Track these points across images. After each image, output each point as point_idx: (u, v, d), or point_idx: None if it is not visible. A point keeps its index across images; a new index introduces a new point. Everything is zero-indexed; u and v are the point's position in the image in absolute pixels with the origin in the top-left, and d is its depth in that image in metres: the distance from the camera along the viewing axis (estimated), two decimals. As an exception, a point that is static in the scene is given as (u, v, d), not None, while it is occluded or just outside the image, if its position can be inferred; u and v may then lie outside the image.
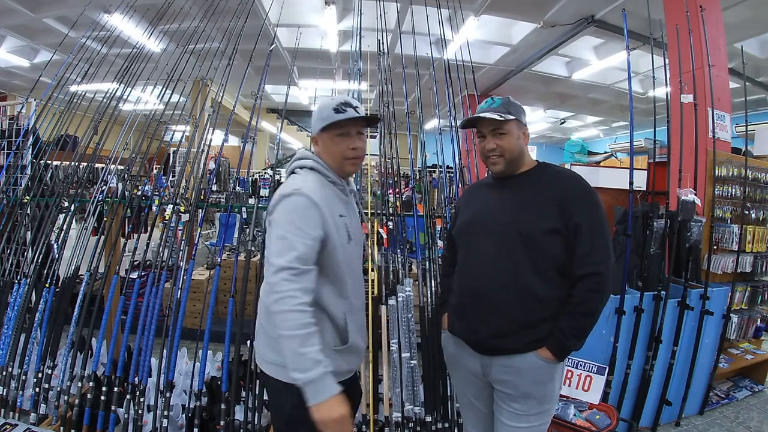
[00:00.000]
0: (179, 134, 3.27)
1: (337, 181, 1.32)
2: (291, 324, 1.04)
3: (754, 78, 6.48)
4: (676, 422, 2.61)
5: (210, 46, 2.86)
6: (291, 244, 1.12)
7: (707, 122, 2.87)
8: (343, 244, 1.25)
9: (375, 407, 2.15)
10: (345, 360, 1.27)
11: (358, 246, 1.35)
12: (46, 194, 2.78)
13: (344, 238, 1.26)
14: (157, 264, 2.35)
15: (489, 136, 1.36)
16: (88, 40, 3.22)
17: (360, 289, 1.38)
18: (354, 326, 1.29)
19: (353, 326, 1.29)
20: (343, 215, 1.28)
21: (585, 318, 1.27)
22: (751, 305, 3.01)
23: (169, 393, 2.10)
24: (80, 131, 2.95)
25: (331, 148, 1.29)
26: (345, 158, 1.29)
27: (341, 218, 1.27)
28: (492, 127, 1.35)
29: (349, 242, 1.28)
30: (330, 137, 1.29)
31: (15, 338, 2.35)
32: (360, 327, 1.35)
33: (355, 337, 1.30)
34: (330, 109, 1.26)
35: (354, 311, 1.31)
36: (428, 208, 2.57)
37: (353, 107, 1.26)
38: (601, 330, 2.32)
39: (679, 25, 3.02)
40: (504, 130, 1.34)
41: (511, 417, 1.32)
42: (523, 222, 1.30)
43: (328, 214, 1.21)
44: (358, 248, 1.36)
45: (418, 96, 2.98)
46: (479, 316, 1.34)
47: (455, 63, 2.98)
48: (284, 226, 1.15)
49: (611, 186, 3.49)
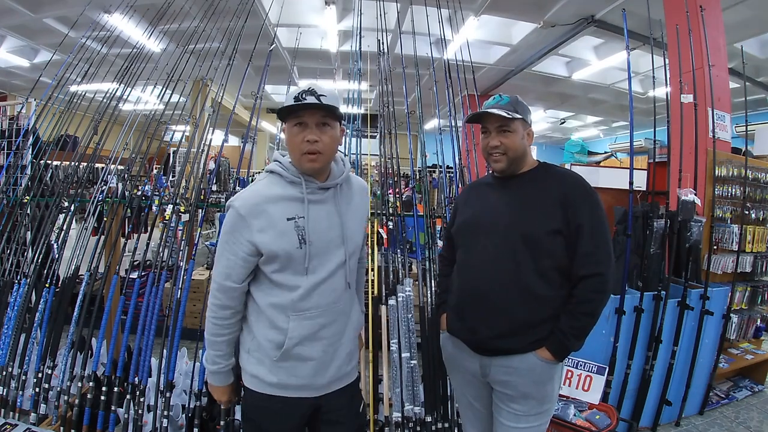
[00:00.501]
0: (179, 134, 3.27)
1: (295, 179, 1.21)
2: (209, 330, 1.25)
3: (754, 78, 6.48)
4: (676, 422, 2.61)
5: (210, 46, 2.85)
6: (218, 260, 1.22)
7: (707, 122, 2.87)
8: (288, 250, 1.16)
9: (375, 407, 2.15)
10: (289, 372, 1.21)
11: (322, 248, 1.21)
12: (46, 194, 2.78)
13: (291, 244, 1.17)
14: (157, 264, 2.35)
15: (494, 133, 1.35)
16: (88, 40, 3.22)
17: (328, 294, 1.23)
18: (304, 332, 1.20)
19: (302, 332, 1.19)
20: (292, 217, 1.18)
21: (586, 318, 1.27)
22: (751, 305, 3.01)
23: (169, 393, 2.10)
24: (80, 131, 2.94)
25: (289, 141, 1.19)
26: (301, 152, 1.16)
27: (289, 221, 1.17)
28: (498, 124, 1.34)
29: (300, 247, 1.17)
30: (288, 128, 1.19)
31: (15, 338, 2.34)
32: (315, 334, 1.21)
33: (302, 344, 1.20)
34: (291, 98, 1.15)
35: (309, 316, 1.20)
36: (428, 208, 2.57)
37: (316, 95, 1.13)
38: (601, 330, 2.32)
39: (679, 25, 3.02)
40: (510, 128, 1.33)
41: (510, 417, 1.32)
42: (526, 222, 1.29)
43: (263, 223, 1.15)
44: (321, 250, 1.21)
45: (418, 96, 2.98)
46: (479, 317, 1.33)
47: (455, 63, 2.98)
48: (221, 238, 1.22)
49: (611, 186, 3.49)
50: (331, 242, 1.23)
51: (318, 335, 1.22)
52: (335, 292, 1.24)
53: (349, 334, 1.31)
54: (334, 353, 1.26)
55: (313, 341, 1.22)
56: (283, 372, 1.21)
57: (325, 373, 1.24)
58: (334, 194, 1.26)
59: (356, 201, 1.33)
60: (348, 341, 1.30)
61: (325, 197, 1.25)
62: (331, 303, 1.23)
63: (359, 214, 1.35)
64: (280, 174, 1.22)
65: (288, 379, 1.21)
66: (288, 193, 1.20)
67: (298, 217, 1.19)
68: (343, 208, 1.26)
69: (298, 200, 1.20)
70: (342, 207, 1.26)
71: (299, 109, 1.15)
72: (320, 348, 1.23)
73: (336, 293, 1.25)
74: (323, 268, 1.21)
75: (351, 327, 1.32)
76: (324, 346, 1.23)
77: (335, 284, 1.24)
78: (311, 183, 1.22)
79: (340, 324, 1.27)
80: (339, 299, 1.26)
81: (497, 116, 1.32)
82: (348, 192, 1.31)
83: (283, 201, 1.19)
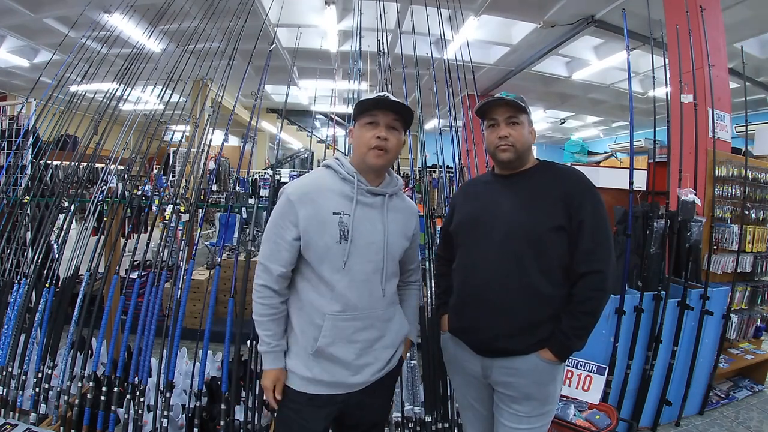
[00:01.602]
0: (179, 134, 3.27)
1: (349, 177, 1.27)
2: (255, 313, 1.28)
3: (754, 78, 6.49)
4: (676, 422, 2.61)
5: (210, 46, 2.85)
6: (265, 242, 1.27)
7: (707, 122, 2.87)
8: (328, 243, 1.21)
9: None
10: (322, 368, 1.24)
11: (361, 248, 1.24)
12: (46, 194, 2.78)
13: (332, 237, 1.21)
14: (157, 264, 2.35)
15: (503, 124, 1.34)
16: (88, 40, 3.22)
17: (365, 297, 1.26)
18: (338, 333, 1.23)
19: (336, 333, 1.22)
20: (338, 212, 1.23)
21: (587, 317, 1.26)
22: (751, 305, 3.01)
23: (169, 393, 2.10)
24: (80, 131, 2.94)
25: (359, 138, 1.27)
26: (369, 147, 1.24)
27: (335, 216, 1.22)
28: (508, 114, 1.34)
29: (339, 242, 1.21)
30: (359, 126, 1.28)
31: (15, 338, 2.34)
32: (350, 336, 1.24)
33: (335, 345, 1.23)
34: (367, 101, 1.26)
35: (345, 318, 1.23)
36: (428, 208, 2.57)
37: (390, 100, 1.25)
38: (601, 330, 2.32)
39: (679, 25, 3.02)
40: (519, 119, 1.34)
41: (512, 418, 1.31)
42: (529, 220, 1.28)
43: (310, 212, 1.21)
44: (361, 250, 1.24)
45: (418, 96, 2.98)
46: (481, 317, 1.32)
47: (455, 63, 2.98)
48: (269, 224, 1.28)
49: (611, 186, 3.48)
50: (371, 246, 1.26)
51: (352, 338, 1.24)
52: (371, 297, 1.27)
53: (387, 340, 1.31)
54: (369, 356, 1.27)
55: (348, 343, 1.24)
56: (317, 367, 1.24)
57: (358, 376, 1.26)
58: (383, 203, 1.31)
59: (402, 218, 1.36)
60: (384, 347, 1.31)
61: (374, 202, 1.29)
62: (366, 307, 1.26)
63: (403, 230, 1.36)
64: (335, 169, 1.29)
65: (321, 374, 1.24)
66: (339, 189, 1.26)
67: (344, 214, 1.23)
68: (388, 218, 1.30)
69: (348, 198, 1.26)
70: (388, 216, 1.30)
71: (375, 107, 1.24)
72: (353, 351, 1.25)
73: (372, 298, 1.27)
74: (360, 268, 1.24)
75: (391, 334, 1.33)
76: (358, 349, 1.25)
77: (371, 288, 1.27)
78: (363, 184, 1.28)
79: (377, 330, 1.29)
80: (376, 305, 1.28)
81: (507, 107, 1.33)
82: (396, 206, 1.35)
83: (333, 195, 1.25)
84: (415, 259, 1.50)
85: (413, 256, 1.47)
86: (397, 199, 1.36)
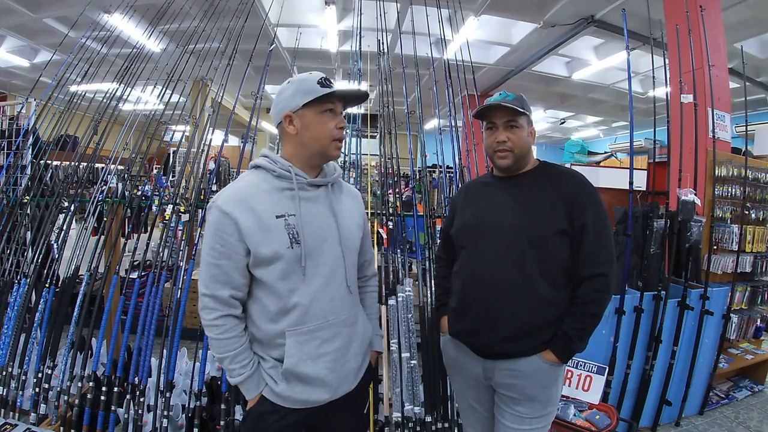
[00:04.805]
0: (179, 134, 3.27)
1: (284, 172, 1.13)
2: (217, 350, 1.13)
3: (754, 78, 6.48)
4: (676, 422, 2.61)
5: (210, 46, 2.85)
6: (207, 268, 1.10)
7: (707, 122, 2.87)
8: (278, 250, 1.07)
9: (375, 407, 2.14)
10: (293, 389, 1.12)
11: (317, 248, 1.12)
12: (46, 194, 2.78)
13: (282, 244, 1.07)
14: (157, 264, 2.35)
15: (501, 128, 1.33)
16: (88, 40, 3.22)
17: (326, 303, 1.13)
18: (303, 349, 1.10)
19: (301, 349, 1.10)
20: (282, 215, 1.10)
21: (590, 319, 1.26)
22: (751, 305, 3.01)
23: (169, 393, 2.10)
24: (80, 131, 2.94)
25: (317, 128, 1.13)
26: (332, 139, 1.14)
27: (279, 219, 1.09)
28: (506, 118, 1.32)
29: (291, 247, 1.08)
30: (315, 114, 1.12)
31: (15, 338, 2.34)
32: (317, 351, 1.12)
33: (304, 363, 1.10)
34: (314, 83, 1.11)
35: (308, 331, 1.11)
36: (428, 208, 2.57)
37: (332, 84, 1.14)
38: (601, 330, 2.32)
39: (679, 25, 3.02)
40: (517, 123, 1.32)
41: (514, 419, 1.31)
42: (533, 223, 1.27)
43: (251, 221, 1.07)
44: (317, 250, 1.12)
45: (418, 96, 2.98)
46: (484, 320, 1.31)
47: (455, 63, 2.98)
48: (205, 246, 1.11)
49: (611, 186, 3.49)
50: (326, 243, 1.14)
51: (319, 351, 1.13)
52: (334, 301, 1.15)
53: (356, 349, 1.21)
54: (340, 370, 1.17)
55: (316, 359, 1.12)
56: (288, 387, 1.13)
57: (331, 391, 1.15)
58: (326, 193, 1.19)
59: (348, 205, 1.26)
60: (353, 356, 1.20)
61: (317, 195, 1.18)
62: (329, 313, 1.14)
63: (354, 218, 1.26)
64: (266, 168, 1.15)
65: (292, 393, 1.13)
66: (276, 188, 1.13)
67: (288, 215, 1.10)
68: (336, 209, 1.19)
69: (288, 196, 1.13)
70: (336, 208, 1.19)
71: (336, 96, 1.13)
72: (323, 365, 1.13)
73: (335, 302, 1.15)
74: (319, 271, 1.13)
75: (359, 342, 1.23)
76: (327, 363, 1.14)
77: (333, 291, 1.15)
78: (302, 178, 1.15)
79: (344, 338, 1.18)
80: (339, 309, 1.16)
81: (505, 111, 1.31)
82: (339, 195, 1.25)
83: (270, 197, 1.11)
84: (369, 249, 1.38)
85: (367, 246, 1.35)
86: (338, 187, 1.25)
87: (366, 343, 1.28)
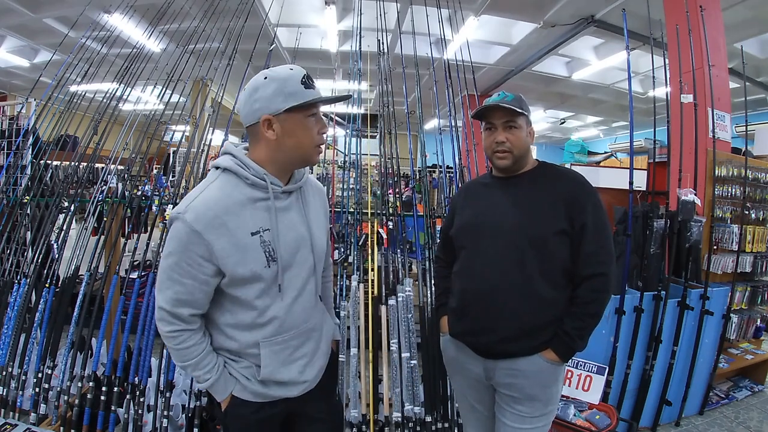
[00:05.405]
0: (179, 134, 3.27)
1: (259, 181, 1.04)
2: (178, 360, 1.09)
3: (754, 78, 6.48)
4: (676, 422, 2.61)
5: (210, 46, 2.86)
6: (168, 285, 1.02)
7: (707, 122, 2.87)
8: (255, 270, 1.02)
9: (375, 407, 2.15)
10: (269, 389, 1.13)
11: (291, 261, 1.09)
12: (46, 194, 2.78)
13: (258, 263, 1.02)
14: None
15: (500, 129, 1.33)
16: (88, 40, 3.22)
17: (299, 314, 1.13)
18: (277, 358, 1.11)
19: (276, 358, 1.10)
20: (257, 231, 1.03)
21: (591, 318, 1.27)
22: (751, 305, 3.01)
23: (169, 393, 2.10)
24: (80, 131, 2.94)
25: (300, 135, 1.04)
26: (316, 144, 1.07)
27: (254, 237, 1.02)
28: (505, 119, 1.32)
29: (268, 265, 1.03)
30: (299, 119, 1.03)
31: (15, 338, 2.34)
32: (291, 357, 1.13)
33: (279, 371, 1.11)
34: (297, 83, 1.01)
35: (282, 340, 1.11)
36: (428, 208, 2.57)
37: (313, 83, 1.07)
38: (601, 330, 2.32)
39: (679, 25, 3.02)
40: (516, 123, 1.32)
41: (514, 419, 1.31)
42: (533, 223, 1.28)
43: (225, 241, 0.99)
44: (291, 264, 1.09)
45: (418, 96, 2.98)
46: (485, 320, 1.31)
47: (455, 63, 2.98)
48: (168, 260, 1.01)
49: (611, 186, 3.49)
50: (299, 253, 1.11)
51: (292, 357, 1.14)
52: (305, 311, 1.15)
53: (323, 348, 1.25)
54: (312, 369, 1.19)
55: (290, 364, 1.13)
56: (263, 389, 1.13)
57: (305, 386, 1.18)
58: (297, 198, 1.14)
59: (315, 204, 1.21)
60: (322, 355, 1.24)
61: (288, 203, 1.11)
62: (301, 322, 1.14)
63: (321, 219, 1.22)
64: (239, 175, 1.04)
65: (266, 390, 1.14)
66: (248, 198, 1.04)
67: (263, 230, 1.04)
68: (309, 215, 1.15)
69: (262, 208, 1.05)
70: (307, 213, 1.15)
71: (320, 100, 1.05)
72: (296, 370, 1.15)
73: (306, 312, 1.16)
74: (293, 284, 1.11)
75: (325, 341, 1.26)
76: (300, 367, 1.15)
77: (305, 302, 1.15)
78: (277, 186, 1.07)
79: (314, 341, 1.20)
80: (310, 316, 1.18)
81: (504, 111, 1.31)
82: (307, 196, 1.20)
83: (243, 210, 1.03)
84: (328, 242, 1.33)
85: (328, 241, 1.30)
86: (305, 186, 1.19)
87: (330, 338, 1.31)
